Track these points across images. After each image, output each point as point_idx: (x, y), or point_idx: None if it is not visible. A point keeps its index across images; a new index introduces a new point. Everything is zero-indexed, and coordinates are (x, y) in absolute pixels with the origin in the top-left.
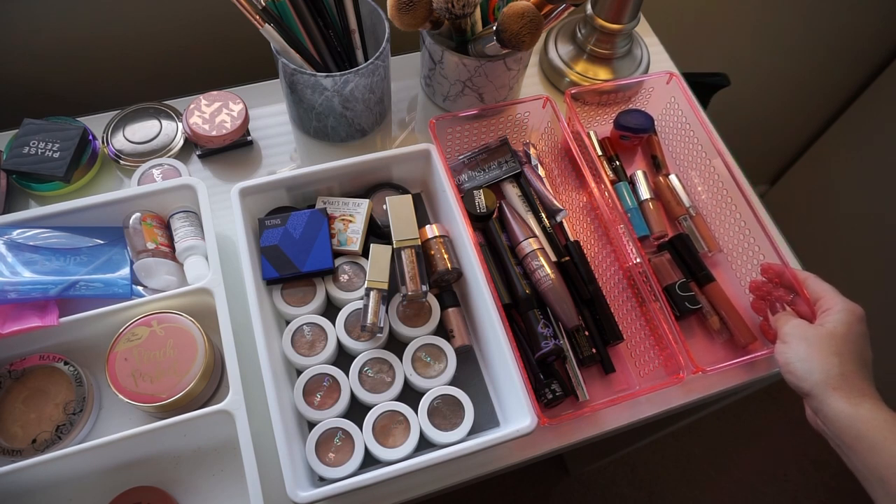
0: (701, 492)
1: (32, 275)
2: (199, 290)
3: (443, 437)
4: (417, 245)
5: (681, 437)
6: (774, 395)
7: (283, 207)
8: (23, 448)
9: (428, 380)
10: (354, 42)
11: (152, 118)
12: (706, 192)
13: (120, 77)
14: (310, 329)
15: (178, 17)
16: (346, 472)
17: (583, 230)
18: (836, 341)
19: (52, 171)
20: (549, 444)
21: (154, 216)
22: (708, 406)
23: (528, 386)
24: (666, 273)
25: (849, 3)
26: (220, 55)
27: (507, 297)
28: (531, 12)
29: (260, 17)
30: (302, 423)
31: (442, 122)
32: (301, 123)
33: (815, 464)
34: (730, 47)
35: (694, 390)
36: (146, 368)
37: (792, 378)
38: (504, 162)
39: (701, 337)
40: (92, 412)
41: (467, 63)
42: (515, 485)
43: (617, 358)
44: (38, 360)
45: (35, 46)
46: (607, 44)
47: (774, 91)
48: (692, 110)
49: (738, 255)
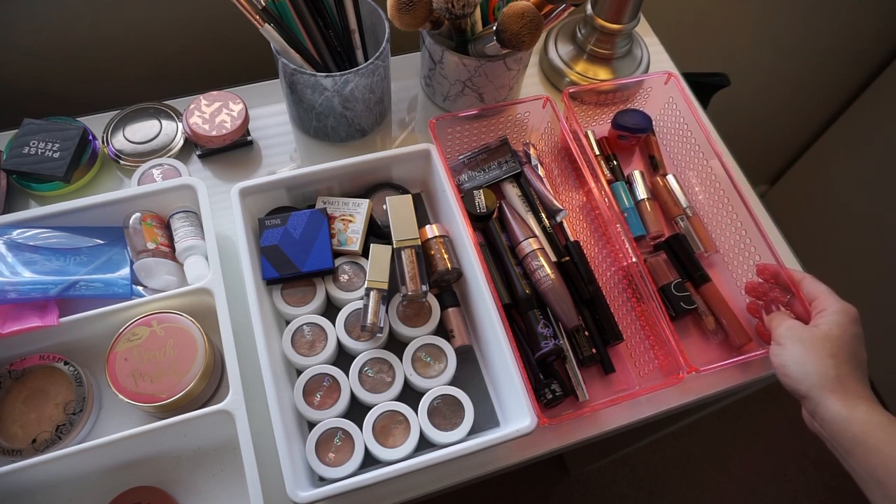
0: (701, 492)
1: (32, 275)
2: (199, 290)
3: (443, 437)
4: (417, 245)
5: (681, 437)
6: (774, 395)
7: (283, 207)
8: (23, 448)
9: (428, 380)
10: (354, 42)
11: (152, 118)
12: (703, 193)
13: (120, 77)
14: (310, 329)
15: (178, 17)
16: (346, 472)
17: (582, 230)
18: (832, 343)
19: (52, 171)
20: (549, 444)
21: (154, 216)
22: (707, 406)
23: (528, 386)
24: (662, 273)
25: (849, 3)
26: (220, 55)
27: (507, 297)
28: (531, 12)
29: (260, 17)
30: (302, 423)
31: (442, 122)
32: (301, 123)
33: (815, 464)
34: (730, 47)
35: (693, 390)
36: (146, 368)
37: (788, 381)
38: (504, 162)
39: (696, 337)
40: (92, 412)
41: (467, 63)
42: (515, 485)
43: (617, 358)
44: (38, 360)
45: (35, 46)
46: (607, 44)
47: (774, 91)
48: (690, 110)
49: (734, 256)
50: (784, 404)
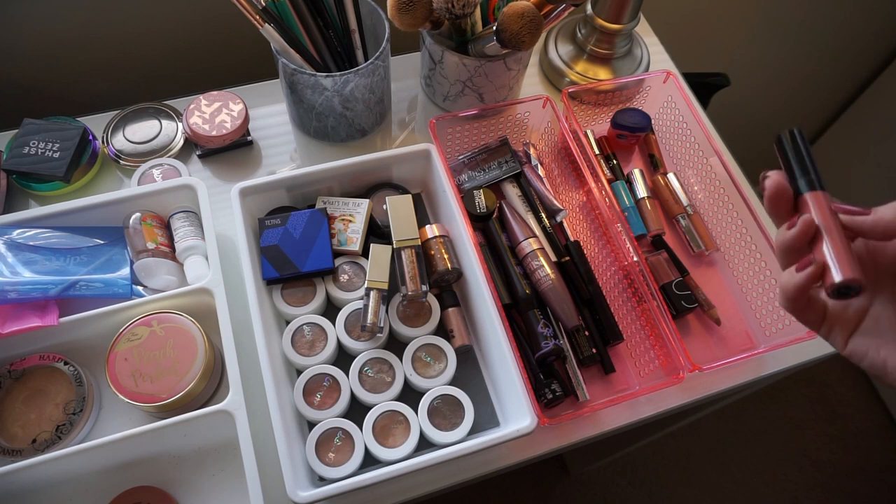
0: (701, 492)
1: (32, 275)
2: (199, 290)
3: (443, 437)
4: (417, 245)
5: (681, 437)
6: (774, 395)
7: (283, 207)
8: (23, 448)
9: (428, 380)
10: (354, 42)
11: (152, 118)
12: (703, 191)
13: (120, 77)
14: (310, 329)
15: (178, 17)
16: (346, 472)
17: (582, 230)
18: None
19: (52, 171)
20: (549, 444)
21: (154, 216)
22: (708, 406)
23: (528, 386)
24: (662, 272)
25: (849, 3)
26: (220, 55)
27: (507, 297)
28: (531, 12)
29: (260, 17)
30: (302, 423)
31: (442, 122)
32: (301, 123)
33: (815, 464)
34: (730, 47)
35: (693, 390)
36: (146, 368)
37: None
38: (504, 162)
39: (698, 336)
40: (92, 412)
41: (467, 63)
42: (515, 485)
43: (617, 358)
44: (38, 360)
45: (35, 46)
46: (607, 44)
47: (774, 91)
48: (689, 109)
49: (735, 254)
50: (784, 404)
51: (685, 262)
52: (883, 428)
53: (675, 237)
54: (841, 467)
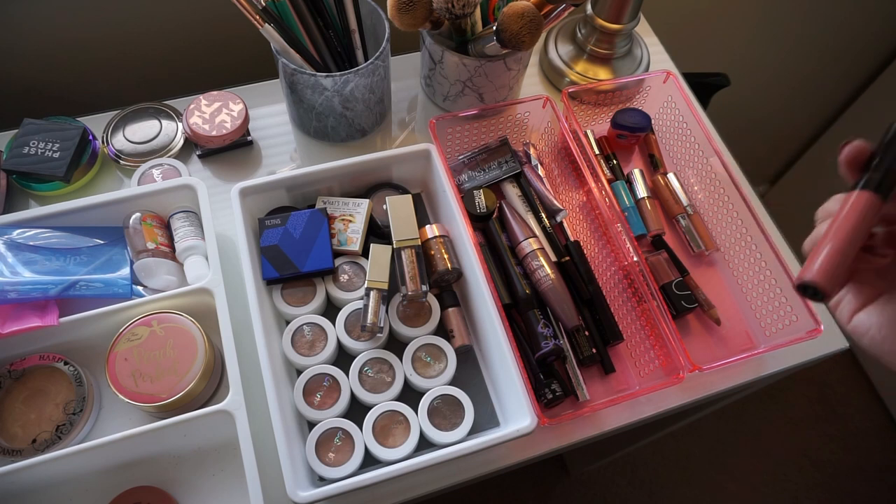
0: (701, 492)
1: (32, 275)
2: (199, 290)
3: (443, 437)
4: (417, 245)
5: (681, 437)
6: (774, 395)
7: (283, 207)
8: (23, 448)
9: (428, 380)
10: (354, 42)
11: (152, 118)
12: (703, 191)
13: (120, 77)
14: (310, 329)
15: (178, 16)
16: (346, 472)
17: (582, 230)
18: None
19: (52, 171)
20: (549, 444)
21: (154, 216)
22: (708, 406)
23: (528, 386)
24: (662, 272)
25: (849, 3)
26: (220, 55)
27: (507, 297)
28: (531, 12)
29: (260, 17)
30: (302, 423)
31: (442, 122)
32: (301, 123)
33: (815, 464)
34: (730, 47)
35: (693, 390)
36: (146, 368)
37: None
38: (504, 162)
39: (698, 336)
40: (92, 412)
41: (467, 63)
42: (515, 485)
43: (617, 358)
44: (38, 360)
45: (35, 46)
46: (607, 44)
47: (774, 91)
48: (689, 109)
49: (735, 254)
50: (784, 404)
51: (685, 262)
52: (883, 428)
53: (675, 237)
54: (841, 467)
